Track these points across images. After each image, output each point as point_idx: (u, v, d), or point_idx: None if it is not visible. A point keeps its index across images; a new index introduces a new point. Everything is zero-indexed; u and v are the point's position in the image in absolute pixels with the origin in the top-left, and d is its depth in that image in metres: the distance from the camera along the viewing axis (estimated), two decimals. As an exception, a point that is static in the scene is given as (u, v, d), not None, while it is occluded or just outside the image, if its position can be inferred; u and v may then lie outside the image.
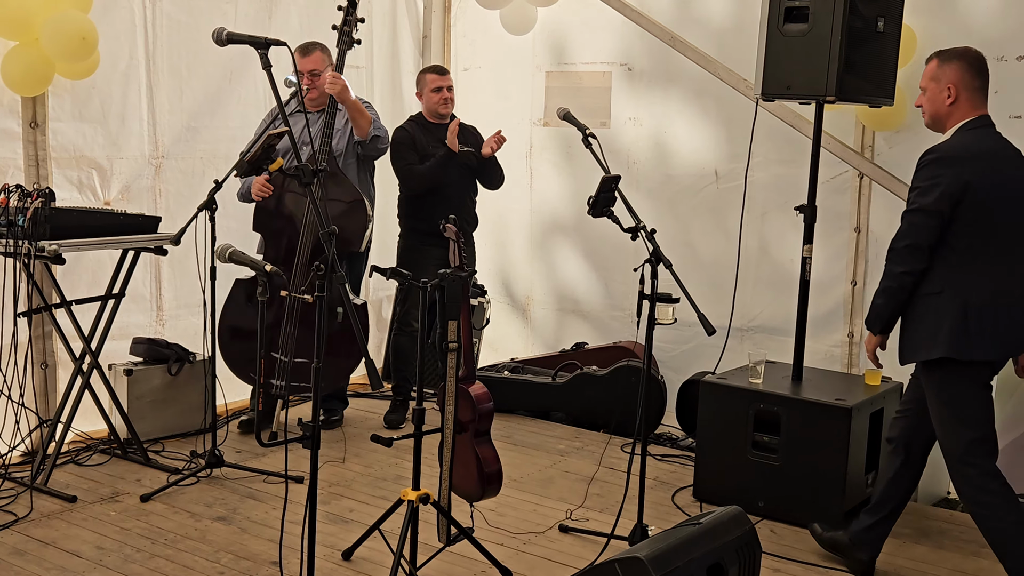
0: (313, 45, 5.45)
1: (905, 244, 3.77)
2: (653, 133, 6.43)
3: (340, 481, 5.01)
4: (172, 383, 5.48)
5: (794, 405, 4.64)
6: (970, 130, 3.79)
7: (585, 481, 5.02)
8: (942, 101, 3.83)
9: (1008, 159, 3.81)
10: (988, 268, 3.73)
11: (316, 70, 5.41)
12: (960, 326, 3.71)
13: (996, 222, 3.72)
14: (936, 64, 3.87)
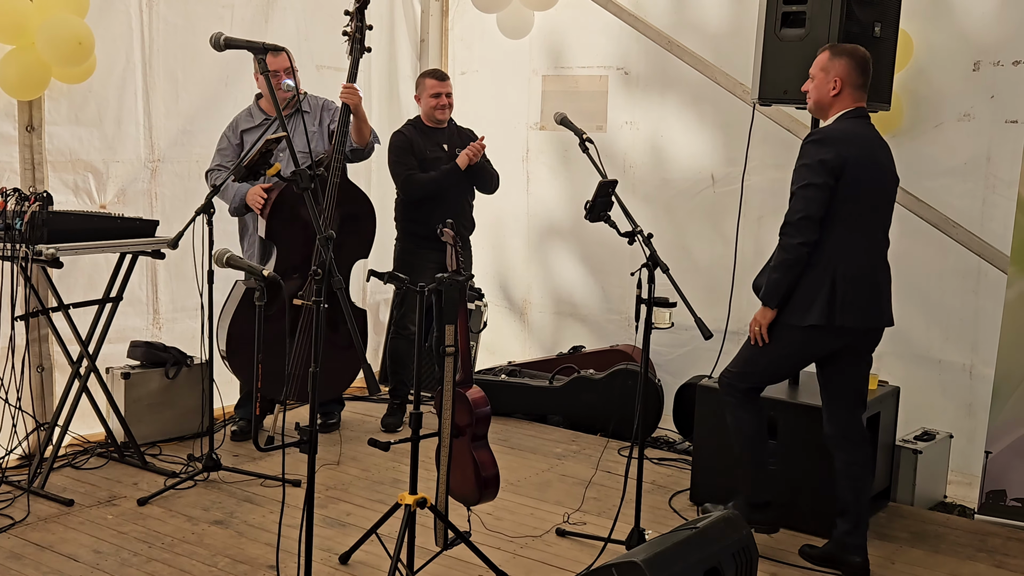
0: (281, 48, 5.31)
1: (800, 216, 4.07)
2: (650, 137, 6.45)
3: (337, 485, 5.02)
4: (169, 387, 5.49)
5: (791, 409, 4.64)
6: (848, 119, 4.17)
7: (582, 485, 5.03)
8: (827, 91, 4.19)
9: (879, 147, 4.22)
10: (857, 243, 4.12)
11: (290, 68, 5.36)
12: (831, 296, 4.06)
13: (864, 201, 4.11)
14: (827, 56, 4.20)
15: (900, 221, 5.43)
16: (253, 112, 5.52)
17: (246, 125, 5.48)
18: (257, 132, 5.43)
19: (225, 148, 5.48)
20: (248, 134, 5.46)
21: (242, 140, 5.46)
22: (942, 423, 5.32)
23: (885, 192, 4.26)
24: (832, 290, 4.07)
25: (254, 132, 5.44)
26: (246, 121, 5.50)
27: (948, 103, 5.35)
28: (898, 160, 5.45)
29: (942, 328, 5.47)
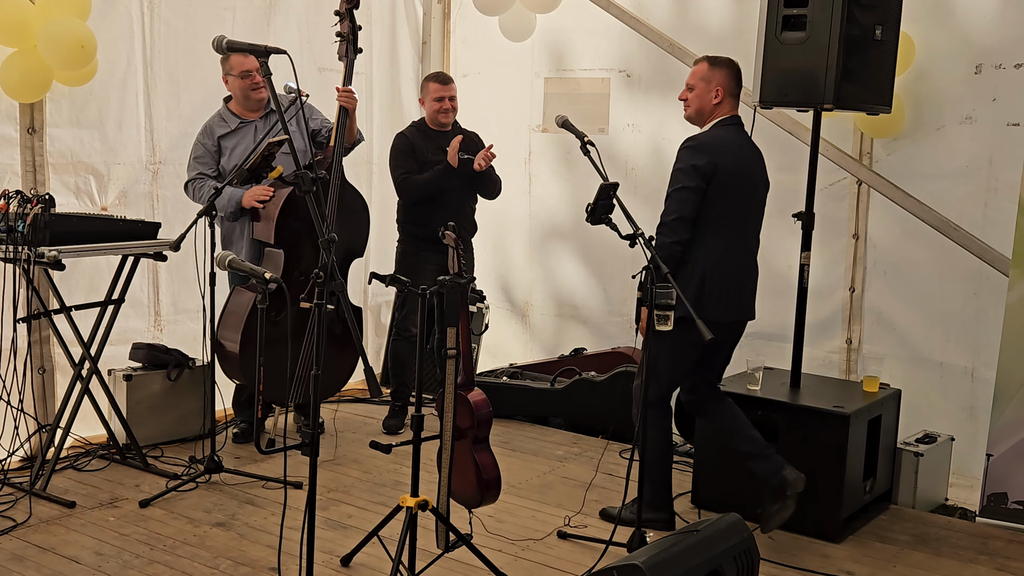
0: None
1: (675, 217, 4.35)
2: (651, 139, 6.46)
3: (339, 487, 5.03)
4: (171, 389, 5.50)
5: (792, 412, 4.66)
6: (725, 126, 4.47)
7: (584, 487, 5.04)
8: (710, 100, 4.48)
9: (751, 153, 4.52)
10: (725, 242, 4.41)
11: (253, 71, 5.33)
12: (700, 290, 4.34)
13: (734, 203, 4.41)
14: (707, 67, 4.48)
15: (902, 223, 5.47)
16: (225, 116, 5.44)
17: (222, 130, 5.40)
18: (235, 137, 5.38)
19: (203, 156, 5.39)
20: (225, 139, 5.39)
21: (219, 146, 5.39)
22: (943, 426, 5.33)
23: (755, 196, 4.56)
24: (701, 286, 4.35)
25: (232, 137, 5.39)
26: (220, 126, 5.42)
27: (950, 106, 5.36)
28: (901, 162, 5.50)
29: (943, 331, 5.48)
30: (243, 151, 5.34)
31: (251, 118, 5.45)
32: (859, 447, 4.65)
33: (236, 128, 5.41)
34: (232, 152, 5.38)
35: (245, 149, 5.34)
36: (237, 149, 5.38)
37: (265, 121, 5.45)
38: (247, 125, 5.43)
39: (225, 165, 5.38)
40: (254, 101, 5.41)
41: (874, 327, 5.73)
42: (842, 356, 5.82)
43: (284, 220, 5.21)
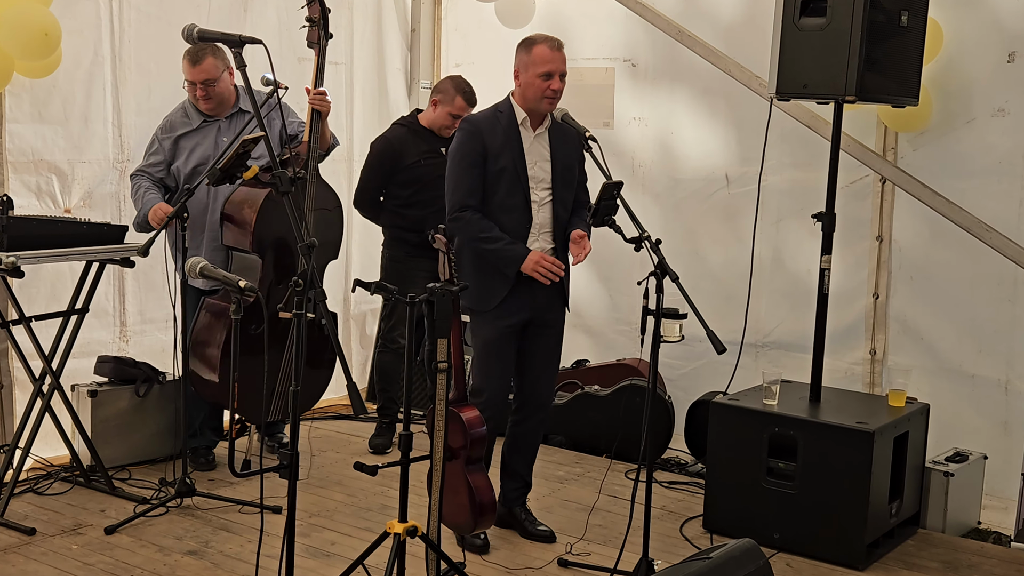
0: (202, 51, 5.22)
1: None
2: (659, 134, 6.45)
3: (321, 511, 5.01)
4: (140, 405, 5.48)
5: (812, 429, 4.64)
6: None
7: (586, 511, 5.02)
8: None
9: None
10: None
11: (210, 79, 5.25)
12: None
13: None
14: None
15: (929, 224, 5.46)
16: (189, 112, 5.39)
17: (183, 129, 5.35)
18: (196, 137, 5.33)
19: (156, 153, 5.34)
20: (185, 139, 5.33)
21: (177, 146, 5.33)
22: (975, 443, 5.31)
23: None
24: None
25: (192, 136, 5.33)
26: (183, 124, 5.37)
27: (981, 97, 5.35)
28: (928, 158, 5.49)
29: (975, 340, 5.47)
30: (202, 153, 5.31)
31: (217, 116, 5.40)
32: (884, 467, 4.64)
33: (199, 127, 5.37)
34: (191, 154, 5.32)
35: (204, 152, 5.30)
36: (196, 151, 5.33)
37: (231, 122, 5.40)
38: (210, 124, 5.38)
39: (181, 168, 5.32)
40: (206, 109, 5.35)
41: (900, 336, 5.72)
42: (865, 368, 5.80)
43: (260, 224, 5.19)
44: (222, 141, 5.34)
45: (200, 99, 5.31)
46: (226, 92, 5.36)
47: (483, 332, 4.61)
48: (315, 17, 5.28)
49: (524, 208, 4.53)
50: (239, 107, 5.44)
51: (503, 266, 4.50)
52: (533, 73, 4.47)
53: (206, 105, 5.33)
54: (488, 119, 4.58)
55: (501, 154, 4.50)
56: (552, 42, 4.49)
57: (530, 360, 4.71)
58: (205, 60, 5.23)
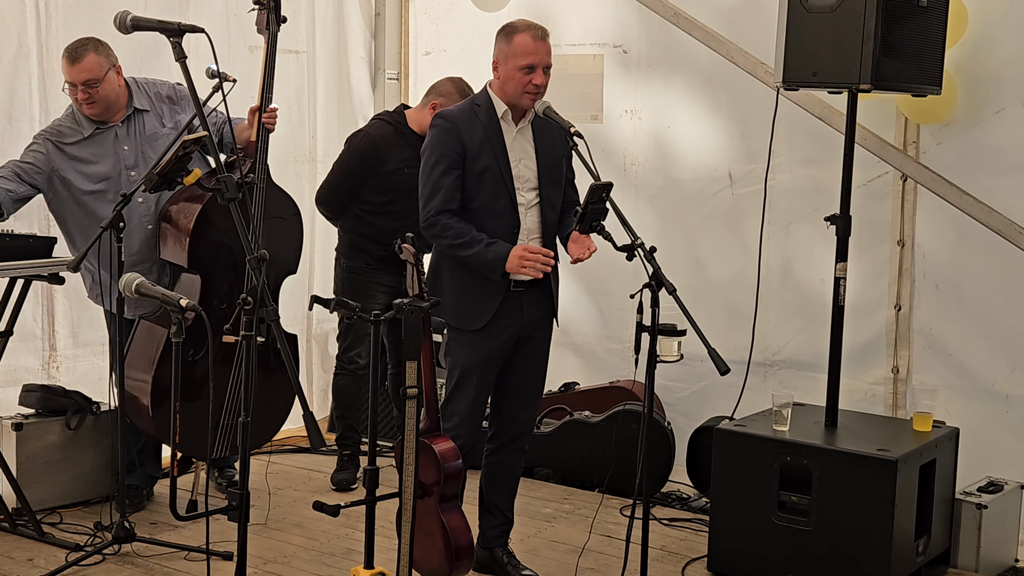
0: (83, 47, 5.07)
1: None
2: (654, 129, 6.46)
3: (278, 557, 4.99)
4: (71, 440, 5.45)
5: (828, 457, 4.64)
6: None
7: (576, 552, 5.01)
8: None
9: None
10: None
11: (93, 79, 5.08)
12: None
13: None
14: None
15: (955, 226, 5.47)
16: (79, 119, 5.24)
17: (73, 138, 5.20)
18: (90, 147, 5.20)
19: (37, 151, 5.15)
20: (77, 148, 5.19)
21: (65, 156, 5.17)
22: (1012, 471, 5.31)
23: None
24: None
25: (86, 146, 5.20)
26: (72, 132, 5.21)
27: (1011, 85, 5.36)
28: (953, 153, 5.50)
29: (1009, 356, 5.48)
30: (103, 169, 5.19)
31: (111, 122, 5.26)
32: (910, 498, 4.64)
33: (91, 135, 5.22)
34: (87, 168, 5.18)
35: (105, 167, 5.19)
36: (95, 165, 5.19)
37: (128, 126, 5.27)
38: (104, 132, 5.24)
39: (77, 184, 5.17)
40: (91, 114, 5.20)
41: (925, 353, 5.73)
42: (887, 388, 5.81)
43: (200, 236, 5.15)
44: (123, 150, 5.23)
45: (82, 103, 5.13)
46: (112, 94, 5.18)
47: (464, 354, 4.56)
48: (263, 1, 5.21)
49: (511, 212, 4.51)
50: (134, 107, 5.29)
51: (487, 272, 4.45)
52: (513, 65, 4.45)
53: (90, 110, 5.15)
54: (465, 113, 4.54)
55: (482, 152, 4.47)
56: (535, 31, 4.47)
57: (512, 381, 4.68)
58: (86, 57, 5.05)
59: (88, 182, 5.20)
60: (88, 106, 5.14)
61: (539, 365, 4.74)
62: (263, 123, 5.21)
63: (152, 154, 5.21)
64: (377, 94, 7.23)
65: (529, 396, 4.75)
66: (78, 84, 5.08)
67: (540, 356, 4.73)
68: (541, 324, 4.65)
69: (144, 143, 5.26)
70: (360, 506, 3.87)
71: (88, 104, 5.13)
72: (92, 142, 5.22)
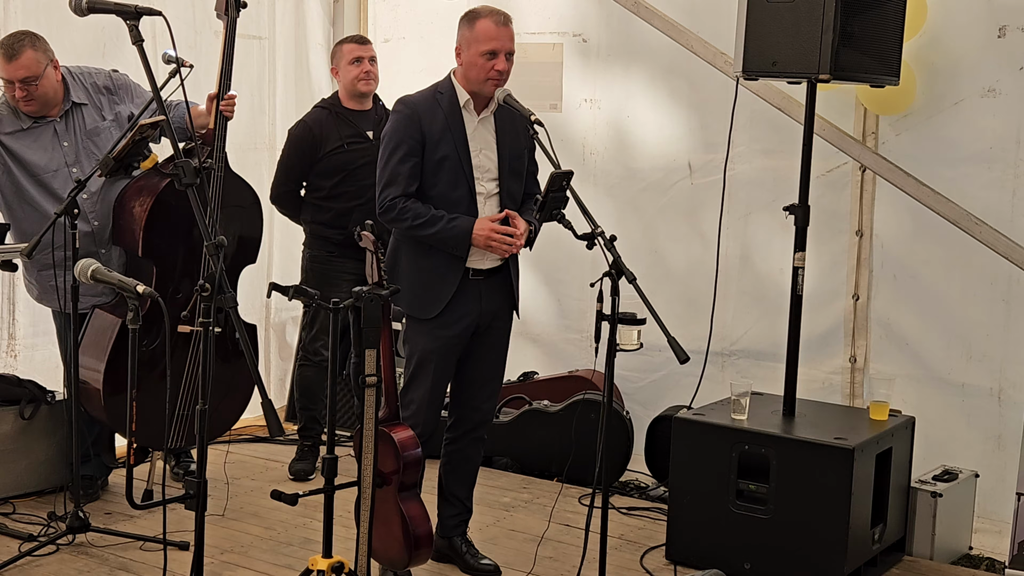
0: (19, 42, 4.96)
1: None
2: (613, 118, 6.46)
3: (235, 547, 4.96)
4: (25, 429, 5.40)
5: (785, 446, 4.66)
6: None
7: (535, 541, 5.01)
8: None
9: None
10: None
11: (32, 76, 4.98)
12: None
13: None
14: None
15: (914, 217, 5.50)
16: (16, 110, 5.12)
17: (11, 128, 5.12)
18: (26, 139, 5.13)
19: None
20: (15, 139, 5.11)
21: (3, 145, 5.10)
22: (966, 460, 5.36)
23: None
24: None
25: (24, 137, 5.13)
26: (10, 122, 5.12)
27: (969, 76, 5.39)
28: (911, 144, 5.52)
29: (965, 345, 5.52)
30: (48, 159, 5.13)
31: (48, 116, 5.17)
32: (866, 487, 4.67)
33: (29, 128, 5.15)
34: (25, 160, 5.10)
35: (46, 159, 5.13)
36: (38, 158, 5.12)
37: (67, 121, 5.18)
38: (42, 125, 5.16)
39: (21, 179, 5.10)
40: (27, 111, 5.12)
41: (882, 342, 5.76)
42: (845, 378, 5.84)
43: (154, 223, 5.09)
44: (63, 147, 5.16)
45: (20, 100, 5.04)
46: (51, 90, 5.09)
47: (421, 342, 4.56)
48: None
49: (469, 202, 4.49)
50: (71, 100, 5.20)
51: (451, 248, 4.44)
52: (476, 51, 4.44)
53: (27, 107, 5.07)
54: (427, 100, 4.53)
55: (441, 141, 4.45)
56: (497, 16, 4.46)
57: (471, 370, 4.68)
58: (23, 54, 4.95)
59: (26, 174, 5.13)
60: (25, 103, 5.06)
61: (498, 355, 4.74)
62: (221, 110, 5.16)
63: (95, 149, 5.15)
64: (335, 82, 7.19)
65: (488, 386, 4.74)
66: (15, 82, 4.99)
67: (499, 346, 4.72)
68: (500, 314, 4.65)
69: (85, 138, 5.20)
70: (318, 495, 3.84)
71: (26, 102, 5.05)
72: (29, 134, 5.15)
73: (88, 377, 5.14)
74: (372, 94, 5.86)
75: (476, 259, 4.50)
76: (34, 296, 5.36)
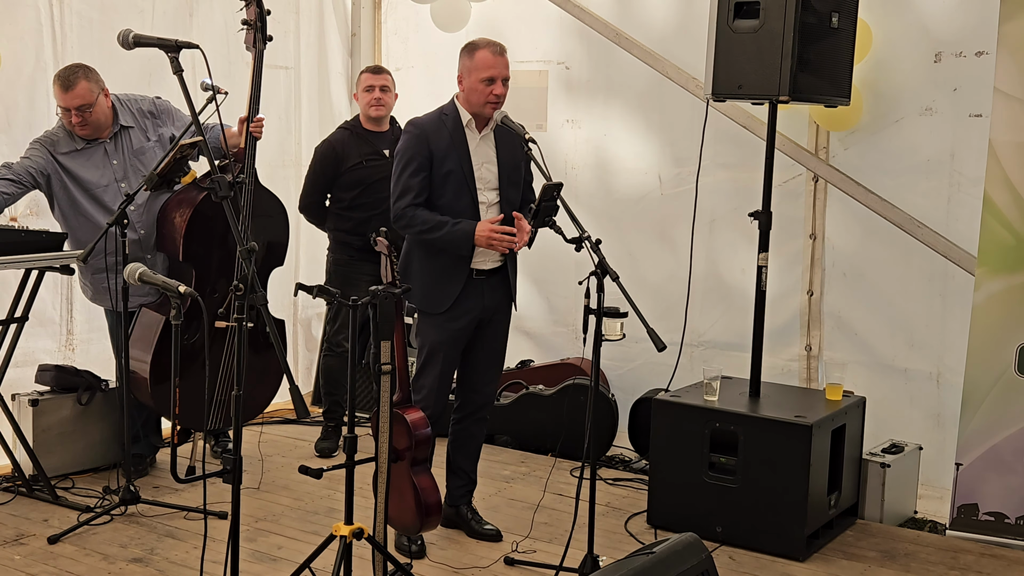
0: (74, 74, 4.91)
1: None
2: (592, 137, 6.40)
3: (267, 516, 4.92)
4: (82, 414, 5.34)
5: (752, 423, 4.63)
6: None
7: (532, 509, 4.97)
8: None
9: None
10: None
11: (86, 104, 4.93)
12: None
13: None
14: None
15: (862, 221, 5.47)
16: (72, 133, 5.06)
17: (67, 148, 5.06)
18: (80, 159, 5.05)
19: (36, 158, 4.98)
20: (70, 159, 5.04)
21: (59, 164, 5.02)
22: (910, 434, 5.33)
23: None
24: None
25: (78, 157, 5.06)
26: (66, 143, 5.05)
27: (909, 97, 5.36)
28: (859, 157, 5.49)
29: (907, 335, 5.49)
30: (100, 175, 5.07)
31: (100, 138, 5.10)
32: (823, 459, 4.64)
33: (83, 149, 5.08)
34: (85, 174, 5.05)
35: (98, 177, 5.06)
36: (91, 175, 5.05)
37: (116, 142, 5.12)
38: (94, 146, 5.10)
39: (76, 194, 5.04)
40: (82, 135, 5.05)
41: (834, 332, 5.72)
42: (801, 364, 5.80)
43: (193, 232, 5.05)
44: (113, 165, 5.11)
45: (76, 126, 4.99)
46: (103, 116, 5.04)
47: (432, 334, 4.52)
48: (252, 20, 5.12)
49: (472, 211, 4.46)
50: (120, 124, 5.14)
51: (456, 249, 4.40)
52: (476, 78, 4.40)
53: (83, 132, 5.01)
54: (433, 122, 4.50)
55: (447, 157, 4.42)
56: (494, 47, 4.43)
57: (475, 358, 4.65)
58: (78, 84, 4.90)
59: (80, 190, 5.07)
60: (81, 128, 5.01)
61: (499, 344, 4.70)
62: (251, 131, 5.15)
63: (140, 166, 5.10)
64: (354, 105, 7.14)
65: (490, 372, 4.71)
66: (72, 109, 4.94)
67: (500, 336, 4.69)
68: (500, 308, 4.61)
69: (132, 157, 5.15)
70: (340, 470, 3.81)
71: (81, 127, 5.00)
72: (83, 154, 5.09)
73: (137, 368, 5.10)
74: (384, 118, 5.81)
75: (479, 260, 4.47)
76: (88, 296, 5.31)
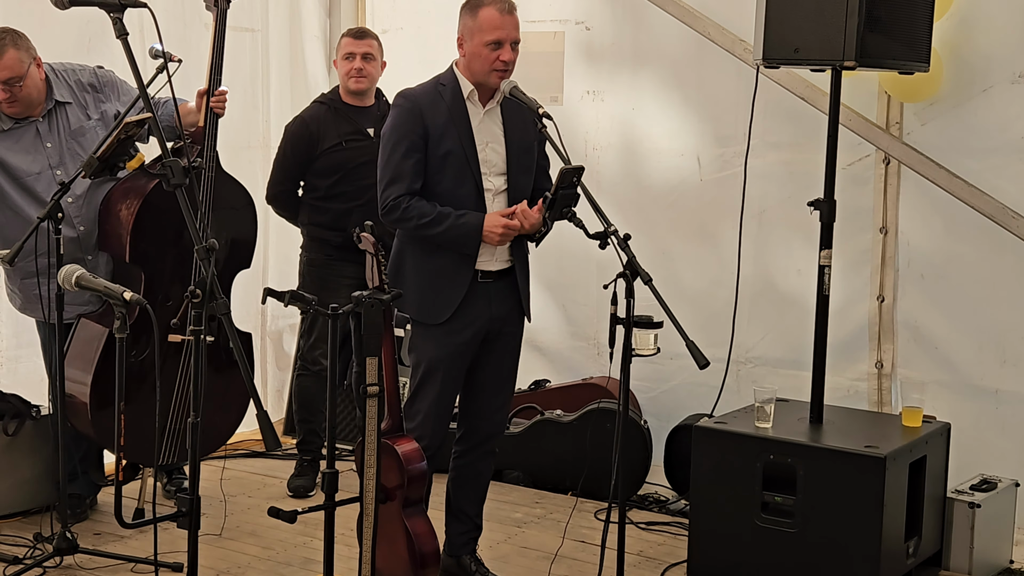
0: (0, 42, 4.89)
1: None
2: (618, 111, 6.40)
3: (231, 568, 4.94)
4: (9, 446, 5.36)
5: (813, 455, 4.62)
6: None
7: (548, 559, 4.98)
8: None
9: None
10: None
11: (15, 77, 4.90)
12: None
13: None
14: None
15: (941, 212, 5.47)
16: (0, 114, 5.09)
17: None
18: (7, 140, 5.05)
19: None
20: None
21: None
22: (1004, 468, 5.30)
23: None
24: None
25: (2, 140, 5.05)
26: None
27: (999, 62, 5.35)
28: (938, 133, 5.47)
29: (998, 349, 5.47)
30: (30, 161, 5.07)
31: (30, 116, 5.10)
32: (899, 498, 4.63)
33: (10, 129, 5.09)
34: (13, 159, 5.05)
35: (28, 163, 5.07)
36: (20, 160, 5.05)
37: (49, 120, 5.12)
38: (24, 126, 5.10)
39: (2, 183, 5.04)
40: (11, 112, 5.06)
41: (910, 346, 5.71)
42: (871, 384, 5.78)
43: (141, 227, 5.05)
44: (46, 148, 5.10)
45: (3, 103, 4.98)
46: (34, 90, 5.03)
47: (429, 350, 4.49)
48: None
49: (476, 199, 4.43)
50: (54, 99, 5.14)
51: (461, 247, 4.39)
52: (479, 41, 4.37)
53: (11, 109, 5.01)
54: (428, 93, 4.47)
55: (445, 135, 4.40)
56: (502, 4, 4.39)
57: (481, 379, 4.62)
58: (5, 54, 4.88)
59: (7, 178, 5.07)
60: (9, 105, 5.00)
61: (509, 362, 4.68)
62: (211, 107, 5.13)
63: (79, 150, 5.10)
64: (332, 75, 7.17)
65: (499, 395, 4.68)
66: None
67: (510, 353, 4.66)
68: (511, 318, 4.59)
69: (70, 138, 5.14)
70: (319, 512, 3.82)
71: (9, 104, 4.99)
72: (10, 136, 5.09)
73: (74, 390, 5.10)
74: (367, 91, 5.81)
75: (485, 260, 4.44)
76: (17, 306, 5.32)
